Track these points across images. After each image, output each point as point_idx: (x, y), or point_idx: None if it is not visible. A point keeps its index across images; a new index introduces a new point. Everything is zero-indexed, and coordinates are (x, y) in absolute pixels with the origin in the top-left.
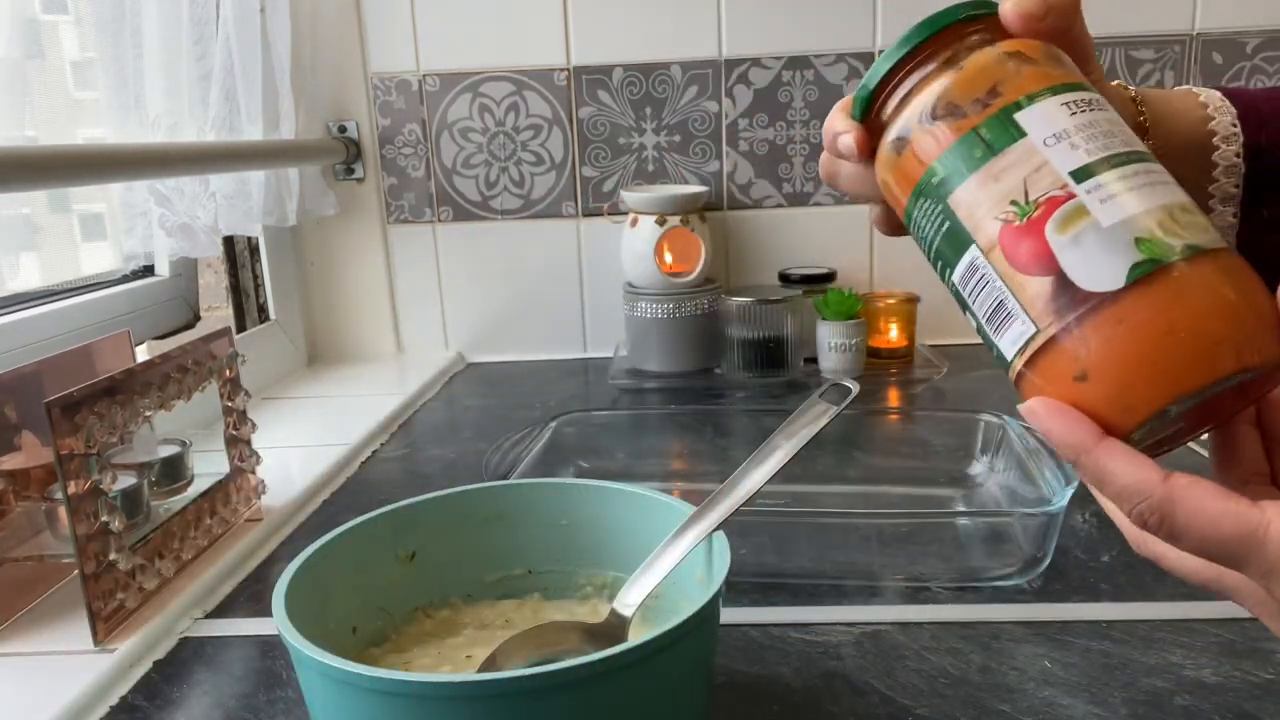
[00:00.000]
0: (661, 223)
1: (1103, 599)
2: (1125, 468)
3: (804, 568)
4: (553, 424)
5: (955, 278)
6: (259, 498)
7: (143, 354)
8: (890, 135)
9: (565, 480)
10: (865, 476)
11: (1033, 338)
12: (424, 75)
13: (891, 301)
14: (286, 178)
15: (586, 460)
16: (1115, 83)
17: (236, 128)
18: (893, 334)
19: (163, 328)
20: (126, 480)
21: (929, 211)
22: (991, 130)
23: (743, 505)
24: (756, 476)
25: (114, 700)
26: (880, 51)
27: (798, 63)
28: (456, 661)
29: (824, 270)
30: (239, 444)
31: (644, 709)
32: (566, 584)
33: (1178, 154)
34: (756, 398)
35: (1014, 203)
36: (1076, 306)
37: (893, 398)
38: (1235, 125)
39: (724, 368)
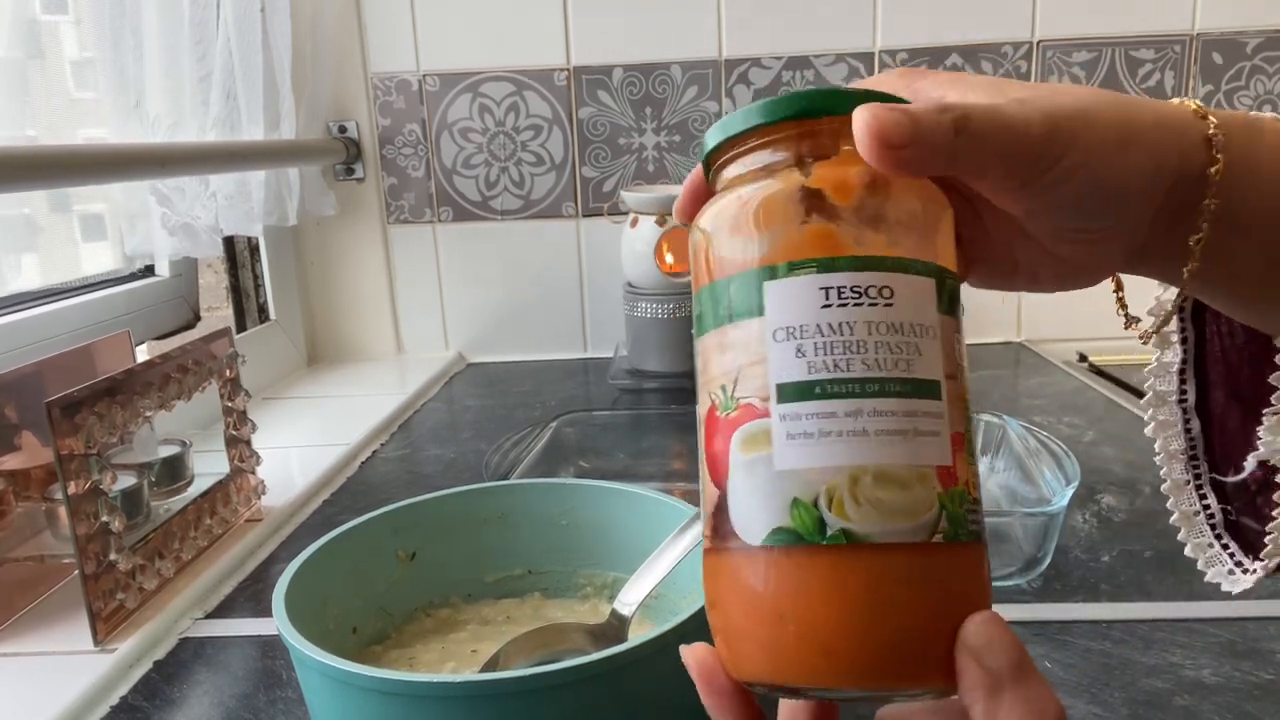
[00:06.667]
0: (661, 223)
1: (1103, 599)
2: (707, 699)
3: None
4: (553, 424)
5: None
6: (259, 498)
7: (143, 354)
8: (700, 218)
9: (565, 480)
10: None
11: (703, 534)
12: (424, 75)
13: None
14: (286, 178)
15: (586, 460)
16: (1179, 100)
17: (237, 128)
18: None
19: (163, 328)
20: (126, 480)
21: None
22: (739, 291)
23: None
24: None
25: (114, 700)
26: (880, 52)
27: (798, 63)
28: (461, 656)
29: None
30: (239, 444)
31: (645, 708)
32: (566, 584)
33: (1253, 219)
34: None
35: (723, 389)
36: (723, 537)
37: None
38: None
39: None
